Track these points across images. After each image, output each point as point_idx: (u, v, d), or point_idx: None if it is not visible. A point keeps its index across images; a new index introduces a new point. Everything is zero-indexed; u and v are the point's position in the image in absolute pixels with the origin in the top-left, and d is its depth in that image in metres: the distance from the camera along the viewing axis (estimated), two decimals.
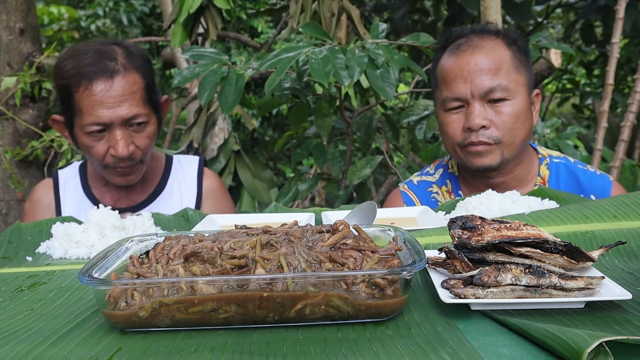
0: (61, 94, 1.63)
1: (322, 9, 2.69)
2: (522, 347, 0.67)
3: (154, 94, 1.69)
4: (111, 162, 1.62)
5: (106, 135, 1.60)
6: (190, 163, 1.90)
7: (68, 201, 1.78)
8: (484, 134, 1.53)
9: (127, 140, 1.60)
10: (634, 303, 0.77)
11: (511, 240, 0.80)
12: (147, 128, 1.65)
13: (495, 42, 1.58)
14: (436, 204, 1.72)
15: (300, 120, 2.80)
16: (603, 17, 4.09)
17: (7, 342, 0.75)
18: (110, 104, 1.56)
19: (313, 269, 0.78)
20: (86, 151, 1.65)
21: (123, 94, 1.58)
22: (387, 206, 1.81)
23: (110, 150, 1.60)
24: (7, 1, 2.79)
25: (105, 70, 1.57)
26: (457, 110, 1.57)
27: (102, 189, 1.79)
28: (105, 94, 1.56)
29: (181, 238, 0.89)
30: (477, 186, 1.66)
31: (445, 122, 1.59)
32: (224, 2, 2.74)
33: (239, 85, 2.17)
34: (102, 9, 7.64)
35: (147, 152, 1.68)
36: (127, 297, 0.76)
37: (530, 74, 1.62)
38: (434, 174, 1.79)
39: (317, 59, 1.98)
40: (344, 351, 0.68)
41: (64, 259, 1.19)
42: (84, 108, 1.58)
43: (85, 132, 1.60)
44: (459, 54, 1.57)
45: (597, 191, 1.59)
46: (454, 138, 1.58)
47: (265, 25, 7.95)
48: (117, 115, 1.57)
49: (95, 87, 1.56)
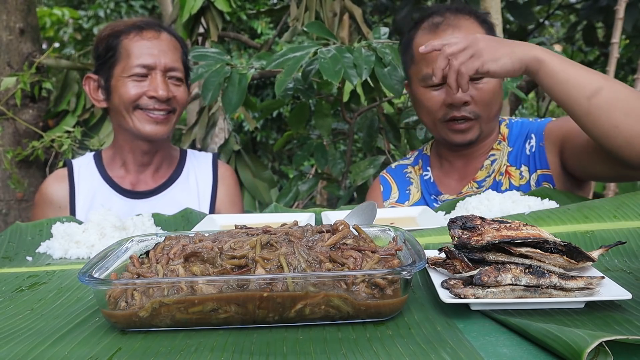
0: (107, 44, 1.73)
1: (325, 9, 2.69)
2: (522, 347, 0.67)
3: (187, 65, 1.83)
4: (145, 103, 1.70)
5: (147, 80, 1.70)
6: (204, 156, 1.99)
7: (83, 187, 1.81)
8: (466, 109, 1.58)
9: (167, 85, 1.72)
10: (633, 303, 0.77)
11: (511, 240, 0.80)
12: (182, 86, 1.78)
13: (470, 21, 1.63)
14: (409, 181, 1.84)
15: (301, 121, 2.81)
16: (604, 18, 4.09)
17: (7, 342, 0.75)
18: (157, 51, 1.71)
19: (313, 269, 0.78)
20: (120, 97, 1.71)
21: (168, 46, 1.74)
22: (370, 191, 1.94)
23: (148, 92, 1.69)
24: (7, 1, 2.79)
25: (154, 26, 1.77)
26: (438, 87, 1.60)
27: (120, 172, 1.83)
28: (154, 41, 1.73)
29: (181, 238, 0.89)
30: (445, 156, 1.77)
31: (426, 98, 1.63)
32: (224, 4, 2.74)
33: (242, 85, 2.17)
34: (103, 11, 7.65)
35: (181, 105, 1.77)
36: (127, 297, 0.76)
37: None
38: (410, 157, 1.92)
39: (326, 58, 2.00)
40: (344, 351, 0.68)
41: (64, 259, 1.19)
42: (132, 50, 1.70)
43: (128, 74, 1.69)
44: (439, 32, 1.61)
45: (534, 129, 1.66)
46: (435, 114, 1.62)
47: (265, 26, 7.95)
48: (161, 61, 1.71)
49: (145, 34, 1.73)
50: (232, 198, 1.94)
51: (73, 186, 1.81)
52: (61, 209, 1.79)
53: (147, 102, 1.70)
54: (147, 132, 1.72)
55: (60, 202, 1.80)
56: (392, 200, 1.82)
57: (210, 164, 1.95)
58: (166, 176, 1.86)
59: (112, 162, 1.85)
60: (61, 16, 7.23)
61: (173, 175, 1.87)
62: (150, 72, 1.70)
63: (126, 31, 1.73)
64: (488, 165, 1.68)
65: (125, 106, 1.71)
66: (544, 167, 1.60)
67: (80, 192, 1.81)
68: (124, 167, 1.83)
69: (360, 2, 4.09)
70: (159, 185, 1.84)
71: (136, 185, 1.82)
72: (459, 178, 1.74)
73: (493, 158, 1.68)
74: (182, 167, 1.90)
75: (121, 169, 1.83)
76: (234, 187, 1.98)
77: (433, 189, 1.77)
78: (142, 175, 1.83)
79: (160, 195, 1.82)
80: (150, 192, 1.82)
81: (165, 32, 1.77)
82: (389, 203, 1.82)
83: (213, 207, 1.88)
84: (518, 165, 1.65)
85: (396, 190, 1.84)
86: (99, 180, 1.82)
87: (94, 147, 2.68)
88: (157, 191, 1.83)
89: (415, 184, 1.82)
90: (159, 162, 1.85)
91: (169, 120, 1.74)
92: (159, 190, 1.83)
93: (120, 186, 1.81)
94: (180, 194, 1.84)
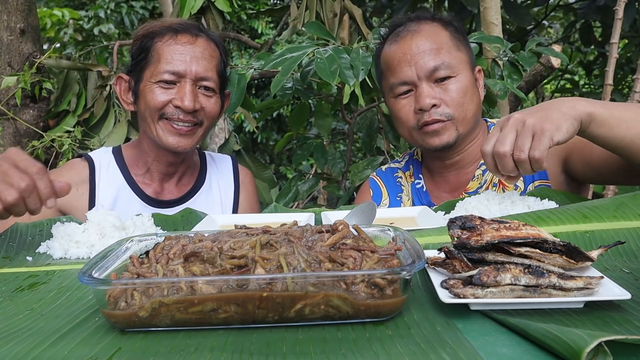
0: (140, 45, 1.66)
1: (325, 9, 2.69)
2: (522, 347, 0.67)
3: (225, 74, 1.74)
4: (171, 112, 1.60)
5: (175, 88, 1.61)
6: (223, 160, 1.92)
7: (104, 186, 1.71)
8: (436, 112, 1.56)
9: (195, 96, 1.62)
10: (633, 303, 0.77)
11: (510, 240, 0.81)
12: (214, 97, 1.67)
13: (432, 25, 1.62)
14: (400, 187, 1.80)
15: (301, 121, 2.81)
16: (602, 18, 4.09)
17: (7, 342, 0.75)
18: (189, 58, 1.61)
19: (313, 268, 0.78)
20: (146, 103, 1.62)
21: (202, 54, 1.64)
22: (359, 194, 1.91)
23: (174, 101, 1.60)
24: (7, 1, 2.79)
25: (191, 30, 1.66)
26: (406, 95, 1.60)
27: (144, 178, 1.74)
28: (187, 46, 1.62)
29: (181, 238, 0.89)
30: (435, 169, 1.73)
31: (397, 109, 1.62)
32: (224, 4, 2.74)
33: (241, 86, 2.17)
34: (103, 11, 7.65)
35: (210, 117, 1.67)
36: (127, 297, 0.76)
37: (470, 52, 1.67)
38: (401, 161, 1.88)
39: (323, 58, 1.99)
40: (344, 351, 0.68)
41: (64, 258, 1.19)
42: (163, 55, 1.61)
43: (156, 80, 1.61)
44: (400, 41, 1.61)
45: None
46: (407, 122, 1.61)
47: (265, 26, 7.95)
48: (192, 69, 1.61)
49: (180, 38, 1.63)
50: (252, 204, 1.90)
51: (94, 185, 1.70)
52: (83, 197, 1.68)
53: (172, 112, 1.61)
54: (170, 144, 1.63)
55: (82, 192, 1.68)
56: (382, 207, 1.78)
57: (231, 170, 1.89)
58: (190, 185, 1.80)
59: (136, 164, 1.76)
60: (61, 17, 7.23)
61: (196, 184, 1.81)
62: (180, 79, 1.61)
63: (161, 33, 1.64)
64: (479, 175, 1.65)
65: (150, 113, 1.62)
66: (542, 177, 1.57)
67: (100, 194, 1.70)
68: (149, 174, 1.75)
69: (360, 3, 4.10)
70: (184, 194, 1.77)
71: (160, 194, 1.75)
72: (450, 190, 1.70)
73: (485, 167, 1.64)
74: (204, 175, 1.84)
75: (145, 175, 1.75)
76: (253, 192, 1.93)
77: (425, 199, 1.73)
78: (167, 184, 1.76)
79: (185, 204, 1.74)
80: (175, 202, 1.75)
81: (204, 38, 1.66)
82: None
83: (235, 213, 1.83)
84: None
85: (386, 196, 1.80)
86: (122, 182, 1.72)
87: (94, 147, 2.68)
88: (182, 200, 1.76)
89: (406, 192, 1.78)
90: (183, 171, 1.79)
91: (193, 133, 1.65)
92: (184, 199, 1.77)
93: (145, 193, 1.73)
94: (205, 202, 1.77)
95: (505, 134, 1.20)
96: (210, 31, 1.79)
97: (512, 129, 1.20)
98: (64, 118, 2.90)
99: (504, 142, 1.20)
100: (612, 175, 1.43)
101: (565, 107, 1.21)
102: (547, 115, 1.19)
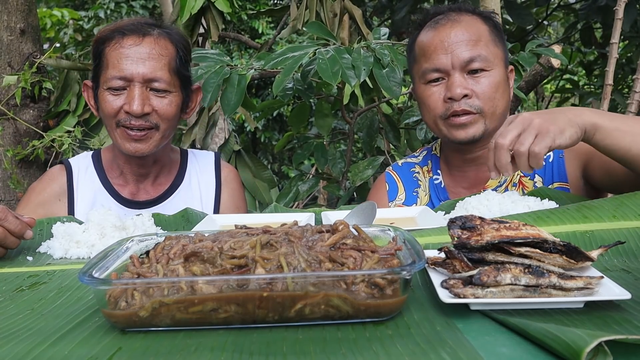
0: (95, 51, 1.64)
1: (325, 9, 2.69)
2: (522, 347, 0.67)
3: (184, 69, 1.68)
4: (123, 118, 1.59)
5: (125, 93, 1.58)
6: (206, 156, 1.89)
7: (81, 192, 1.73)
8: (466, 102, 1.54)
9: (144, 99, 1.58)
10: (633, 303, 0.77)
11: (510, 240, 0.81)
12: (169, 97, 1.62)
13: (473, 17, 1.62)
14: (417, 182, 1.78)
15: (301, 121, 2.81)
16: (602, 18, 4.09)
17: (7, 342, 0.75)
18: (135, 60, 1.57)
19: (313, 268, 0.78)
20: (102, 110, 1.62)
21: (150, 54, 1.59)
22: (374, 188, 1.89)
23: (124, 107, 1.58)
24: (7, 2, 2.79)
25: (139, 30, 1.61)
26: (437, 83, 1.59)
27: (119, 180, 1.75)
28: (132, 48, 1.58)
29: (181, 238, 0.89)
30: (454, 163, 1.71)
31: (427, 95, 1.60)
32: (224, 4, 2.74)
33: (241, 86, 2.17)
34: (103, 11, 7.65)
35: (165, 119, 1.62)
36: (127, 296, 0.76)
37: (506, 50, 1.66)
38: (418, 156, 1.86)
39: (324, 58, 1.99)
40: (344, 351, 0.68)
41: (64, 258, 1.19)
42: (110, 61, 1.59)
43: (106, 87, 1.59)
44: (439, 28, 1.60)
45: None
46: (435, 110, 1.59)
47: (266, 26, 7.96)
48: (139, 72, 1.57)
49: (125, 41, 1.59)
50: (236, 202, 1.86)
51: (72, 189, 1.73)
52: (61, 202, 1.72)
53: (124, 118, 1.58)
54: (128, 150, 1.62)
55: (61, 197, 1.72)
56: (398, 202, 1.76)
57: (213, 166, 1.85)
58: (167, 184, 1.78)
59: (111, 167, 1.76)
60: (61, 17, 7.23)
61: (175, 182, 1.79)
62: (129, 83, 1.58)
63: (110, 38, 1.61)
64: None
65: (108, 121, 1.62)
66: (562, 179, 1.56)
67: (78, 198, 1.72)
68: (123, 176, 1.75)
69: (360, 3, 4.10)
70: (161, 194, 1.76)
71: (136, 194, 1.74)
72: (469, 186, 1.68)
73: None
74: (183, 173, 1.81)
75: (120, 178, 1.75)
76: (238, 190, 1.89)
77: (443, 195, 1.71)
78: (142, 184, 1.75)
79: (163, 204, 1.74)
80: (152, 202, 1.74)
81: (152, 37, 1.61)
82: (394, 204, 1.76)
83: (217, 211, 1.80)
84: (532, 176, 1.61)
85: (403, 190, 1.78)
86: (99, 186, 1.74)
87: (94, 146, 2.68)
88: (158, 200, 1.75)
89: (423, 187, 1.76)
90: (157, 171, 1.76)
91: (150, 137, 1.61)
92: (161, 199, 1.76)
93: (121, 195, 1.73)
94: (183, 201, 1.75)
95: (509, 129, 1.23)
96: (170, 26, 1.73)
97: (519, 125, 1.22)
98: (64, 118, 2.90)
99: (505, 135, 1.22)
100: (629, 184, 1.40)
101: (571, 114, 1.23)
102: (554, 118, 1.21)
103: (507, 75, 1.64)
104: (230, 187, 1.86)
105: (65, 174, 1.75)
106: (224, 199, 1.83)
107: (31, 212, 1.65)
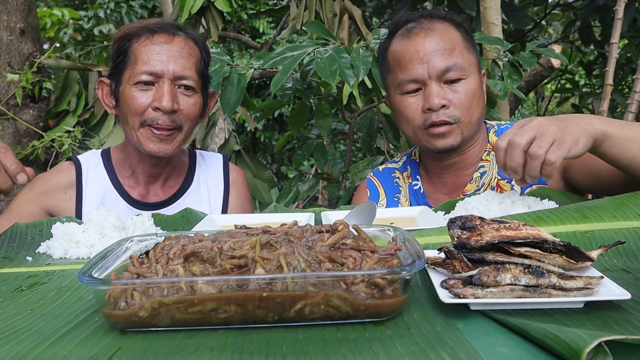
0: (118, 47, 1.65)
1: (325, 9, 2.69)
2: (522, 347, 0.67)
3: (206, 72, 1.71)
4: (151, 117, 1.59)
5: (153, 89, 1.59)
6: (214, 158, 1.89)
7: (91, 190, 1.72)
8: (445, 112, 1.54)
9: (174, 96, 1.60)
10: (633, 303, 0.77)
11: (510, 240, 0.81)
12: (194, 97, 1.65)
13: (445, 24, 1.61)
14: (398, 188, 1.79)
15: (301, 121, 2.81)
16: (602, 18, 4.09)
17: (7, 342, 0.75)
18: (166, 57, 1.60)
19: (313, 268, 0.78)
20: (127, 107, 1.61)
21: (180, 52, 1.62)
22: (356, 194, 1.90)
23: (154, 103, 1.58)
24: (7, 1, 2.79)
25: (168, 29, 1.64)
26: (414, 94, 1.58)
27: (130, 181, 1.74)
28: (164, 46, 1.61)
29: (181, 238, 0.89)
30: (432, 169, 1.72)
31: (404, 106, 1.59)
32: (224, 4, 2.74)
33: (241, 86, 2.17)
34: (103, 11, 7.64)
35: (188, 120, 1.64)
36: (127, 297, 0.76)
37: (478, 55, 1.66)
38: (398, 161, 1.87)
39: (323, 58, 1.99)
40: (344, 351, 0.68)
41: (64, 259, 1.19)
42: (139, 56, 1.60)
43: (133, 82, 1.59)
44: (412, 37, 1.58)
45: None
46: (414, 121, 1.58)
47: (267, 26, 7.96)
48: (170, 69, 1.59)
49: (156, 38, 1.61)
50: (243, 204, 1.87)
51: (81, 187, 1.71)
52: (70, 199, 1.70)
53: (152, 117, 1.58)
54: (151, 150, 1.62)
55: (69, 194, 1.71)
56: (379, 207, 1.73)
57: (221, 169, 1.86)
58: (176, 186, 1.78)
59: (122, 167, 1.76)
60: (61, 17, 7.23)
61: (184, 184, 1.79)
62: (158, 80, 1.59)
63: (137, 34, 1.63)
64: (477, 178, 1.64)
65: (131, 119, 1.61)
66: (540, 182, 1.54)
67: (87, 197, 1.71)
68: (134, 176, 1.74)
69: (360, 3, 4.10)
70: (170, 196, 1.76)
71: (146, 196, 1.74)
72: (448, 192, 1.69)
73: (483, 170, 1.64)
74: (192, 175, 1.82)
75: (131, 178, 1.74)
76: (245, 192, 1.90)
77: (422, 201, 1.72)
78: (152, 186, 1.75)
79: (172, 206, 1.74)
80: (161, 204, 1.74)
81: (181, 37, 1.65)
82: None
83: (225, 213, 1.80)
84: (510, 179, 1.60)
85: (384, 196, 1.79)
86: (108, 186, 1.73)
87: (94, 146, 2.68)
88: (168, 202, 1.75)
89: (404, 192, 1.77)
90: (169, 172, 1.77)
91: (174, 138, 1.63)
92: (170, 201, 1.75)
93: (131, 196, 1.72)
94: (192, 204, 1.74)
95: (525, 130, 1.19)
96: (191, 30, 1.77)
97: (534, 129, 1.19)
98: (64, 118, 2.90)
99: (522, 135, 1.19)
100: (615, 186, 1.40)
101: (583, 123, 1.21)
102: (568, 126, 1.19)
103: (481, 80, 1.64)
104: (237, 189, 1.87)
105: (74, 170, 1.74)
106: (232, 201, 1.84)
107: (33, 199, 1.66)
